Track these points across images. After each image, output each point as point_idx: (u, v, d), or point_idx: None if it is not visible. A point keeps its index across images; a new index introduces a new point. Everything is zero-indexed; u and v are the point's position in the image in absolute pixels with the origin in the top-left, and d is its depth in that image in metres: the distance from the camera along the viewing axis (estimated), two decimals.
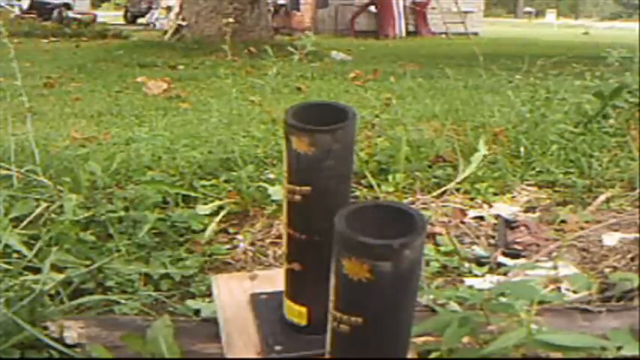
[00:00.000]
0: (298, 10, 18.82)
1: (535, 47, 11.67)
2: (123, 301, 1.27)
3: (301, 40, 3.07)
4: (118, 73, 6.72)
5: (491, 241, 1.67)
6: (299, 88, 5.47)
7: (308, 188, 0.90)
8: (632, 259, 1.50)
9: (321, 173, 0.89)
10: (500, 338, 0.94)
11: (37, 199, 1.68)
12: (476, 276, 1.44)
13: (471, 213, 1.84)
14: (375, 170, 2.10)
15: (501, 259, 1.53)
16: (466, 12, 18.10)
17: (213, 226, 1.67)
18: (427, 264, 1.49)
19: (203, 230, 1.67)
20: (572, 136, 2.50)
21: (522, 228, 1.71)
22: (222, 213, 1.76)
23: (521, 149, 2.36)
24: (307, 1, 18.70)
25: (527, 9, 43.27)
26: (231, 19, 7.88)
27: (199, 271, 1.48)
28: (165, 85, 5.29)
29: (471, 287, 1.34)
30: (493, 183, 2.06)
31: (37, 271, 1.29)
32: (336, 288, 0.70)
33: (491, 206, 1.90)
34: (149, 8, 23.26)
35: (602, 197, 1.91)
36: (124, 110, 4.29)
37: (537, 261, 1.50)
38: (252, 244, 1.64)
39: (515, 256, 1.56)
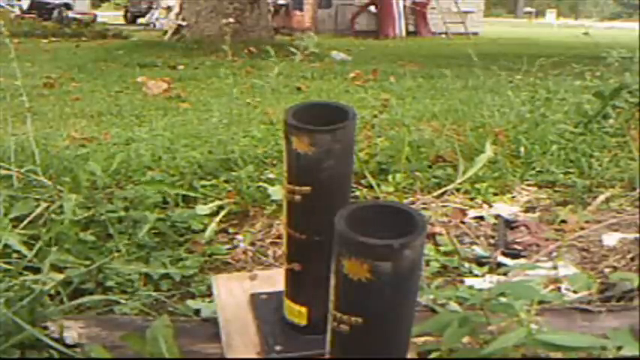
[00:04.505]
0: (301, 9, 18.82)
1: (535, 47, 11.68)
2: (123, 301, 1.27)
3: (303, 40, 3.07)
4: (118, 73, 6.72)
5: (492, 241, 1.67)
6: (299, 88, 5.47)
7: (308, 188, 0.90)
8: (632, 259, 1.50)
9: (321, 173, 0.89)
10: (500, 338, 0.94)
11: (37, 199, 1.68)
12: (476, 276, 1.44)
13: (471, 213, 1.84)
14: (375, 170, 2.10)
15: (501, 259, 1.53)
16: (466, 12, 18.12)
17: (213, 226, 1.67)
18: (427, 264, 1.49)
19: (203, 230, 1.67)
20: (572, 136, 2.50)
21: (522, 228, 1.71)
22: (222, 213, 1.76)
23: (521, 149, 2.36)
24: (308, 1, 18.71)
25: (527, 9, 43.25)
26: (231, 19, 7.88)
27: (199, 271, 1.48)
28: (165, 85, 5.28)
29: (471, 287, 1.34)
30: (493, 183, 2.06)
31: (37, 271, 1.29)
32: (336, 288, 0.70)
33: (491, 206, 1.90)
34: (149, 8, 23.29)
35: (601, 197, 1.91)
36: (124, 110, 4.29)
37: (537, 261, 1.50)
38: (252, 244, 1.64)
39: (515, 256, 1.56)
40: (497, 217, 1.80)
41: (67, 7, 19.74)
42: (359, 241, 0.66)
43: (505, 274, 1.43)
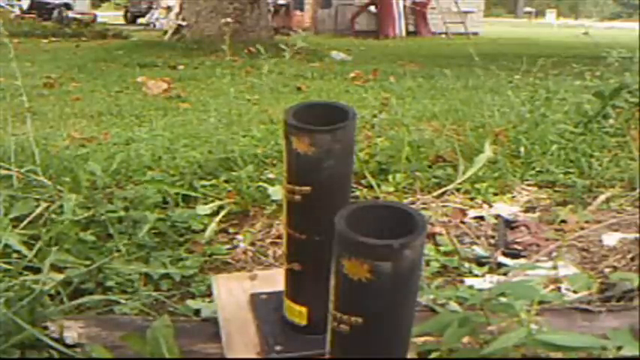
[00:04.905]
0: (302, 9, 18.83)
1: (535, 47, 11.68)
2: (123, 301, 1.27)
3: (298, 37, 3.09)
4: (118, 73, 6.72)
5: (492, 241, 1.67)
6: (299, 88, 5.47)
7: (308, 188, 0.90)
8: (632, 259, 1.50)
9: (321, 173, 0.89)
10: (500, 338, 0.94)
11: (37, 199, 1.68)
12: (476, 276, 1.44)
13: (471, 213, 1.84)
14: (375, 170, 2.10)
15: (501, 259, 1.53)
16: (466, 12, 18.12)
17: (213, 226, 1.67)
18: (427, 264, 1.49)
19: (203, 230, 1.67)
20: (572, 136, 2.50)
21: (522, 228, 1.71)
22: (222, 213, 1.76)
23: (521, 149, 2.36)
24: (308, 1, 18.72)
25: (527, 9, 43.24)
26: (229, 19, 7.88)
27: (199, 271, 1.48)
28: (165, 85, 5.28)
29: (471, 287, 1.34)
30: (493, 183, 2.06)
31: (37, 271, 1.28)
32: (336, 288, 0.70)
33: (491, 206, 1.90)
34: (149, 8, 23.29)
35: (602, 197, 1.91)
36: (124, 110, 4.29)
37: (537, 261, 1.50)
38: (252, 244, 1.64)
39: (515, 256, 1.56)
40: (497, 217, 1.80)
41: (67, 7, 19.75)
42: (359, 241, 0.66)
43: (505, 274, 1.43)
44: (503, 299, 1.02)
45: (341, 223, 0.68)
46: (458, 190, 1.99)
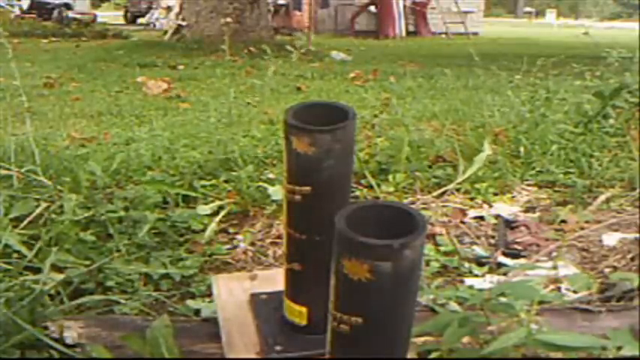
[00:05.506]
0: (300, 9, 18.83)
1: (535, 47, 11.68)
2: (123, 301, 1.27)
3: (301, 39, 3.08)
4: (118, 73, 6.72)
5: (492, 241, 1.67)
6: (299, 88, 5.46)
7: (308, 188, 0.90)
8: (632, 259, 1.50)
9: (321, 173, 0.89)
10: (500, 338, 0.94)
11: (37, 199, 1.68)
12: (476, 276, 1.44)
13: (471, 213, 1.84)
14: (375, 170, 2.10)
15: (501, 259, 1.53)
16: (466, 12, 18.12)
17: (213, 226, 1.67)
18: (427, 264, 1.49)
19: (203, 230, 1.67)
20: (572, 136, 2.50)
21: (522, 228, 1.71)
22: (222, 213, 1.76)
23: (521, 149, 2.36)
24: (306, 1, 18.72)
25: (527, 9, 43.26)
26: (229, 19, 7.88)
27: (199, 271, 1.48)
28: (165, 85, 5.28)
29: (471, 287, 1.34)
30: (493, 183, 2.06)
31: (37, 271, 1.28)
32: (336, 288, 0.70)
33: (491, 206, 1.90)
34: (149, 8, 23.30)
35: (602, 197, 1.91)
36: (124, 110, 4.29)
37: (537, 261, 1.50)
38: (252, 244, 1.64)
39: (515, 256, 1.56)
40: (497, 217, 1.80)
41: (67, 7, 19.76)
42: (359, 241, 0.66)
43: (505, 274, 1.43)
44: (503, 299, 1.02)
45: (341, 223, 0.68)
46: (458, 190, 1.99)
